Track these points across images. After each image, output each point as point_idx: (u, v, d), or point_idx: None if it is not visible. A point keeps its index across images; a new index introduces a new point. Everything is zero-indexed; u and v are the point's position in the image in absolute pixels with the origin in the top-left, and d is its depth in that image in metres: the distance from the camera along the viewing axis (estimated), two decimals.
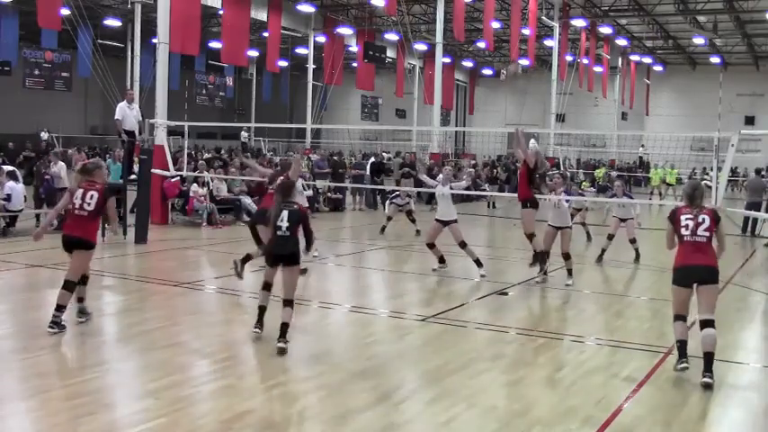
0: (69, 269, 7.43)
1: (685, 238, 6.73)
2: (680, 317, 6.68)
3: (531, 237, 10.78)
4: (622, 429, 5.38)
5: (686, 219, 6.76)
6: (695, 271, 6.61)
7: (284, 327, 6.92)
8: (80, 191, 7.47)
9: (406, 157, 29.14)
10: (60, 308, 7.22)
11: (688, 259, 6.67)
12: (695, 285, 6.60)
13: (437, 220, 11.42)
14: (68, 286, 7.30)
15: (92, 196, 7.40)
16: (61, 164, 15.53)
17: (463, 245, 11.23)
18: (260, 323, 7.41)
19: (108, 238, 12.66)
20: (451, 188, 11.59)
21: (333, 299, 9.73)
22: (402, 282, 11.46)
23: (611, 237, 13.27)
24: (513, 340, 7.78)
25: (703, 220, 6.73)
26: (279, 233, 7.04)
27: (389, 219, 16.54)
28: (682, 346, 6.60)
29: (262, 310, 7.43)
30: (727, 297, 10.45)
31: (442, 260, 11.52)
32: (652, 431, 5.38)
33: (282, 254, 7.07)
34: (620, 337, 7.92)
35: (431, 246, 11.47)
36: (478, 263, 11.18)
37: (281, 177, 9.31)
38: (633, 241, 13.30)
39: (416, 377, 6.48)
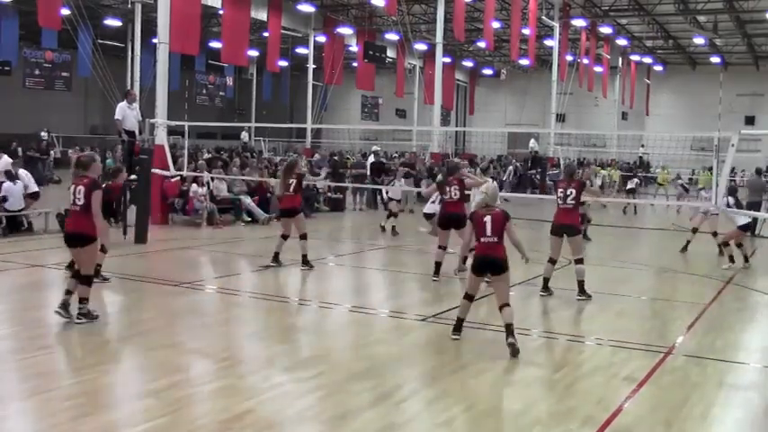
0: (80, 265, 7.65)
1: (559, 204, 9.66)
2: (552, 260, 9.75)
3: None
4: (622, 429, 5.37)
5: (560, 191, 9.71)
6: (562, 228, 9.57)
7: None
8: (73, 186, 7.59)
9: (407, 156, 29.13)
10: (84, 300, 7.61)
11: (558, 220, 9.68)
12: (565, 236, 9.58)
13: None
14: (85, 280, 7.60)
15: (80, 191, 7.48)
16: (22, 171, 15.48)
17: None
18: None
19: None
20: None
21: (333, 299, 9.72)
22: (402, 282, 11.45)
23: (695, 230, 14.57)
24: None
25: (571, 192, 9.58)
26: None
27: (395, 216, 16.49)
28: (546, 281, 9.79)
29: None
30: (728, 297, 10.48)
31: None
32: (652, 431, 5.38)
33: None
34: (620, 337, 7.91)
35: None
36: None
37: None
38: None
39: (416, 377, 6.48)
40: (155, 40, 17.45)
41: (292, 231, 11.40)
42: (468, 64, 49.47)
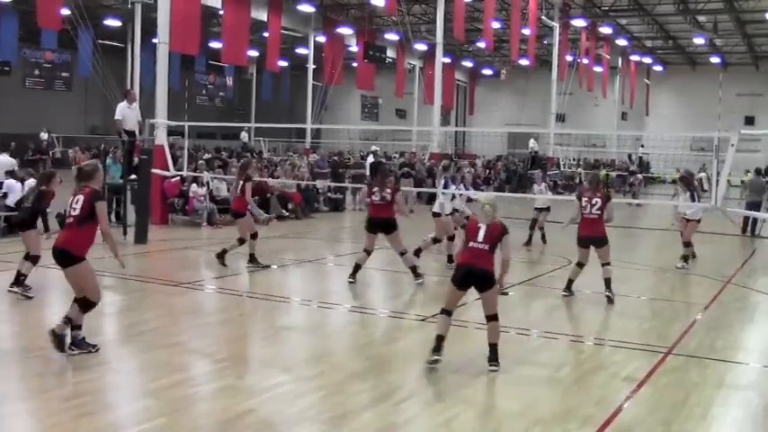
0: (74, 290, 6.67)
1: (584, 214, 9.50)
2: (581, 264, 9.63)
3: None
4: (622, 429, 5.38)
5: (585, 201, 9.53)
6: (590, 240, 9.50)
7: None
8: (71, 197, 6.80)
9: (407, 156, 29.13)
10: (75, 327, 6.57)
11: (584, 232, 9.50)
12: (592, 247, 9.52)
13: None
14: (80, 304, 6.58)
15: (78, 200, 6.62)
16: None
17: None
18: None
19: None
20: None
21: (333, 299, 9.72)
22: (402, 282, 11.44)
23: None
24: (513, 340, 7.77)
25: (596, 202, 9.45)
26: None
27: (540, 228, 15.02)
28: (570, 282, 9.70)
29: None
30: (727, 297, 10.48)
31: None
32: (652, 431, 5.38)
33: None
34: (620, 337, 7.92)
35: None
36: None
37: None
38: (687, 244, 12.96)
39: (416, 377, 6.48)
40: (155, 40, 17.45)
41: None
42: (468, 64, 49.46)
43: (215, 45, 34.06)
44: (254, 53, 38.14)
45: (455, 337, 7.81)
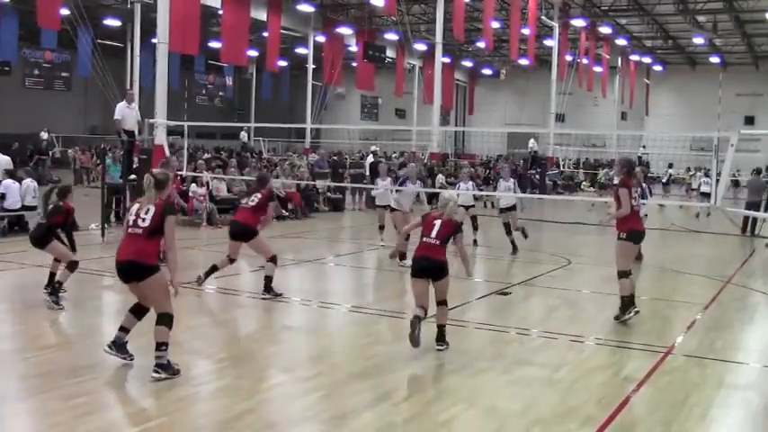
0: (152, 304, 6.33)
1: (634, 207, 8.40)
2: (629, 273, 8.45)
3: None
4: (622, 429, 5.38)
5: (634, 192, 8.45)
6: (643, 235, 8.69)
7: None
8: (136, 205, 6.41)
9: (406, 156, 29.14)
10: (160, 345, 6.08)
11: (641, 226, 8.62)
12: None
13: None
14: (163, 320, 6.19)
15: (147, 211, 6.25)
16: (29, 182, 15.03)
17: None
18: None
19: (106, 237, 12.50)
20: None
21: (333, 299, 9.72)
22: (402, 282, 11.43)
23: None
24: (513, 340, 7.78)
25: (639, 192, 8.64)
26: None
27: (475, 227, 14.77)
28: (630, 299, 8.35)
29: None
30: (727, 297, 10.47)
31: None
32: (652, 431, 5.39)
33: None
34: (620, 337, 7.91)
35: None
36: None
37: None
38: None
39: (416, 377, 6.48)
40: (154, 40, 17.46)
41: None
42: (468, 64, 49.47)
43: (215, 45, 34.07)
44: (253, 53, 38.18)
45: (455, 336, 7.82)
